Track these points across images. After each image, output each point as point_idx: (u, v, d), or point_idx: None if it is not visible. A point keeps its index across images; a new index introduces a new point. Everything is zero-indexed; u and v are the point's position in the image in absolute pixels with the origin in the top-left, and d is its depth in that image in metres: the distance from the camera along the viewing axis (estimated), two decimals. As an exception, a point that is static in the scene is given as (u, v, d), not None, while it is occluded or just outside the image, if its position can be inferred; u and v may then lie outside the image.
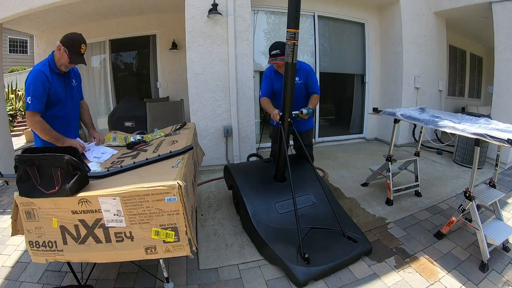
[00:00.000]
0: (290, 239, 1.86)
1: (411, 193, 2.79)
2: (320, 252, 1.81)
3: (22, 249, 2.02)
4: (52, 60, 1.76)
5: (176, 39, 4.79)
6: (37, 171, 1.21)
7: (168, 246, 1.29)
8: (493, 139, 1.62)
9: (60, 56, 1.74)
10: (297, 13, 1.88)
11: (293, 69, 1.98)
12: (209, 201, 2.73)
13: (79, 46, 1.75)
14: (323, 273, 1.70)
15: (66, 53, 1.73)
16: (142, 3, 4.14)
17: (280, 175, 2.32)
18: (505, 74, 3.69)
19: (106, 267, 1.80)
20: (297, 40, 1.90)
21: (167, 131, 2.34)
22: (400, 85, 4.57)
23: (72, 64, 1.81)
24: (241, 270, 1.80)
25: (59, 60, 1.75)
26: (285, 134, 2.10)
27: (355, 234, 1.96)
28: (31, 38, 11.15)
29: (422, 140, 2.88)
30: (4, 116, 3.70)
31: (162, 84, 5.13)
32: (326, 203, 2.12)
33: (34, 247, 1.30)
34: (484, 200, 1.92)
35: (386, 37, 4.78)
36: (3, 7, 3.34)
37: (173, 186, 1.22)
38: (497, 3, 3.72)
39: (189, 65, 3.31)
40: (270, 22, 4.23)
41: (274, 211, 2.08)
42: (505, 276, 1.71)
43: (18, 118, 7.91)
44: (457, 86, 6.73)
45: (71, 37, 1.76)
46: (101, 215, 1.25)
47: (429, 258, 1.87)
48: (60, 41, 1.75)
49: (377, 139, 5.10)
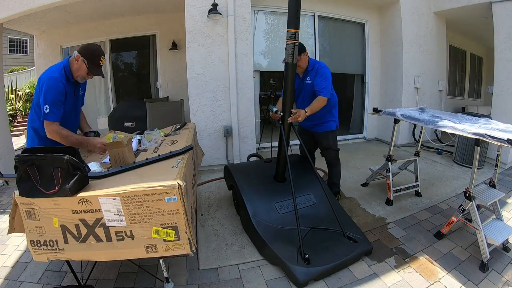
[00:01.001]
0: (290, 239, 1.86)
1: (411, 193, 2.79)
2: (320, 252, 1.81)
3: (22, 249, 2.02)
4: (68, 68, 1.71)
5: (176, 39, 4.79)
6: (37, 171, 1.21)
7: (169, 245, 1.30)
8: (493, 139, 1.62)
9: (79, 67, 1.70)
10: (297, 13, 1.89)
11: (293, 69, 1.99)
12: (209, 201, 2.73)
13: (99, 58, 1.72)
14: (323, 273, 1.70)
15: (85, 64, 1.69)
16: (142, 3, 4.14)
17: (281, 175, 2.32)
18: (505, 74, 3.69)
19: (106, 267, 1.80)
20: (297, 40, 1.91)
21: (167, 131, 2.34)
22: (400, 85, 4.57)
23: (89, 76, 1.76)
24: (241, 270, 1.80)
25: (77, 71, 1.71)
26: (285, 134, 2.10)
27: (355, 234, 1.96)
28: (31, 38, 11.15)
29: (422, 140, 2.88)
30: (4, 116, 3.70)
31: (162, 84, 5.13)
32: (326, 203, 2.12)
33: (35, 246, 1.30)
34: (484, 200, 1.93)
35: (386, 37, 4.78)
36: (3, 7, 3.35)
37: (173, 186, 1.22)
38: (497, 3, 3.72)
39: (189, 65, 3.31)
40: (270, 22, 4.24)
41: (275, 211, 2.08)
42: (505, 276, 1.71)
43: (18, 118, 7.91)
44: (457, 86, 6.73)
45: (91, 48, 1.73)
46: (102, 215, 1.25)
47: (429, 258, 1.87)
48: (79, 52, 1.69)
49: (377, 139, 5.10)
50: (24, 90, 8.76)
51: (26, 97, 8.47)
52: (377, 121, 4.96)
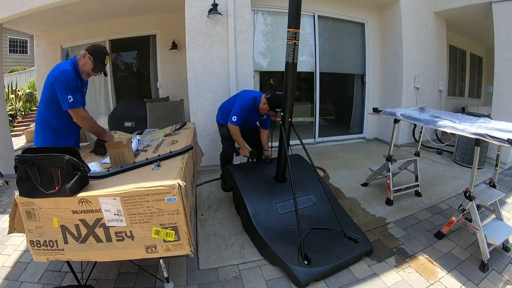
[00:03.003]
0: (291, 240, 1.86)
1: (411, 193, 2.79)
2: (321, 252, 1.80)
3: (22, 249, 2.02)
4: (76, 64, 1.83)
5: (176, 39, 4.79)
6: (37, 171, 1.21)
7: (169, 245, 1.30)
8: (493, 139, 1.62)
9: (85, 63, 1.83)
10: (298, 13, 1.89)
11: (294, 69, 1.99)
12: (209, 201, 2.73)
13: (104, 57, 1.88)
14: (324, 273, 1.70)
15: (91, 61, 1.82)
16: (142, 3, 4.14)
17: (281, 175, 2.32)
18: (505, 74, 3.69)
19: (106, 267, 1.80)
20: (297, 40, 1.91)
21: (167, 131, 2.34)
22: (400, 85, 4.57)
23: (93, 73, 1.88)
24: (241, 270, 1.80)
25: (83, 66, 1.84)
26: (286, 134, 2.10)
27: (355, 235, 1.96)
28: (31, 38, 11.13)
29: (422, 140, 2.88)
30: (4, 116, 3.70)
31: (162, 84, 5.13)
32: (327, 203, 2.12)
33: (35, 246, 1.30)
34: (484, 200, 1.93)
35: (386, 37, 4.78)
36: (3, 7, 3.34)
37: (173, 186, 1.22)
38: (497, 3, 3.72)
39: (189, 65, 3.31)
40: (270, 22, 4.24)
41: (275, 212, 2.08)
42: (505, 276, 1.71)
43: (18, 118, 7.91)
44: (457, 86, 6.73)
45: (97, 47, 1.90)
46: (102, 215, 1.25)
47: (429, 258, 1.87)
48: (86, 49, 1.85)
49: (377, 139, 5.10)
50: (24, 90, 8.76)
51: (26, 97, 8.47)
52: (377, 121, 4.96)
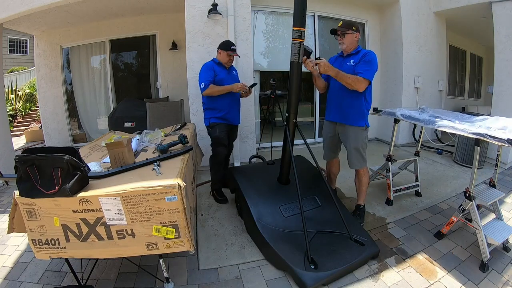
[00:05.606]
0: (296, 243, 1.81)
1: (411, 193, 2.79)
2: (327, 256, 1.76)
3: (22, 249, 2.02)
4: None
5: (176, 39, 4.79)
6: (37, 171, 1.21)
7: (169, 242, 1.32)
8: (493, 139, 1.61)
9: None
10: (304, 11, 1.84)
11: (299, 68, 1.94)
12: (209, 201, 2.74)
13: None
14: (332, 278, 1.66)
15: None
16: (142, 3, 4.14)
17: (285, 177, 2.27)
18: (505, 74, 3.68)
19: (106, 267, 1.80)
20: (303, 39, 1.86)
21: (167, 131, 2.34)
22: (400, 85, 4.57)
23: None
24: (241, 270, 1.80)
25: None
26: (290, 135, 2.06)
27: (362, 237, 1.91)
28: (31, 38, 11.14)
29: (422, 140, 2.88)
30: (4, 116, 3.71)
31: (162, 84, 5.13)
32: (331, 205, 2.06)
33: (37, 244, 1.31)
34: (484, 200, 1.93)
35: (386, 37, 4.78)
36: (3, 7, 3.34)
37: (173, 186, 1.23)
38: (497, 3, 3.72)
39: (189, 65, 3.31)
40: (270, 22, 4.23)
41: (279, 215, 2.02)
42: (505, 276, 1.71)
43: (18, 118, 7.91)
44: (457, 86, 6.73)
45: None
46: (102, 214, 1.26)
47: (429, 258, 1.87)
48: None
49: (377, 139, 5.10)
50: (24, 90, 8.75)
51: (26, 97, 8.47)
52: (377, 121, 4.96)
